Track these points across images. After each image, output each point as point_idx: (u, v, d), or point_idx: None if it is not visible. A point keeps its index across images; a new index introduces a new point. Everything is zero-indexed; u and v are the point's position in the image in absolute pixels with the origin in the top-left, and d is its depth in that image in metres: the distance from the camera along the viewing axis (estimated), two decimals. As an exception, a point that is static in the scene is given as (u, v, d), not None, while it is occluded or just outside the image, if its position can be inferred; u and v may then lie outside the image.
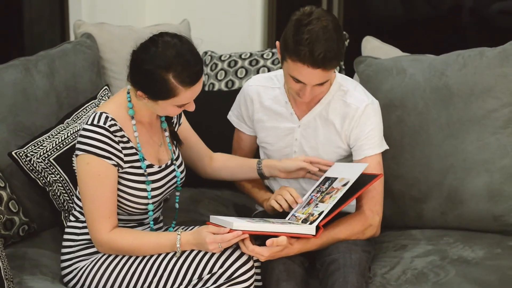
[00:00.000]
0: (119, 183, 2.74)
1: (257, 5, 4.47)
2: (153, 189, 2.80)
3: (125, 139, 2.74)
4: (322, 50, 2.66)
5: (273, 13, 4.51)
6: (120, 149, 2.71)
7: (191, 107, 2.74)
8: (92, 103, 3.32)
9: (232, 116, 3.18)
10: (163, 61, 2.62)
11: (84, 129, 2.69)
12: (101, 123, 2.68)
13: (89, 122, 2.70)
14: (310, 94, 2.80)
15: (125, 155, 2.73)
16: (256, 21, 4.49)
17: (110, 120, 2.70)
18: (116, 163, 2.70)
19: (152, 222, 2.87)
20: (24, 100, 3.24)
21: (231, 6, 4.50)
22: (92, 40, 3.66)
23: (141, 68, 2.66)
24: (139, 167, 2.77)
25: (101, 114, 2.71)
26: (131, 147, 2.75)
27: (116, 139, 2.70)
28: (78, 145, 2.70)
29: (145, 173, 2.78)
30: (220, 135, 3.29)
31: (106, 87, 3.45)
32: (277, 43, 2.82)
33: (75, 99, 3.39)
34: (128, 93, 2.78)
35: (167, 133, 2.92)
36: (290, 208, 2.86)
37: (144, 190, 2.78)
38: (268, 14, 4.49)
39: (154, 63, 2.63)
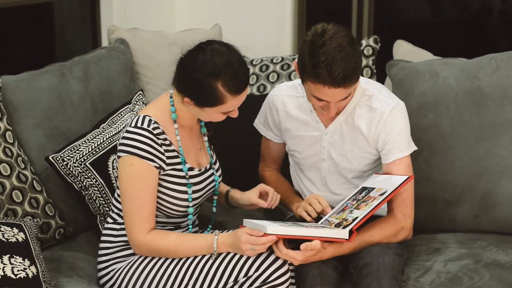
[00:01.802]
0: (160, 185, 2.77)
1: (287, 9, 4.48)
2: (193, 192, 2.82)
3: (167, 142, 2.76)
4: (340, 70, 2.66)
5: (303, 17, 4.52)
6: (163, 151, 2.74)
7: (235, 114, 2.78)
8: (126, 108, 3.35)
9: (258, 124, 3.19)
10: (213, 69, 2.65)
11: (128, 131, 2.72)
12: (144, 126, 2.71)
13: (133, 125, 2.73)
14: (334, 109, 2.81)
15: (167, 157, 2.76)
16: (286, 25, 4.50)
17: (153, 123, 2.72)
18: (158, 165, 2.73)
19: (190, 226, 2.90)
20: (59, 105, 3.27)
21: (261, 10, 4.51)
22: (125, 45, 3.68)
23: (189, 76, 2.68)
24: (180, 170, 2.80)
25: (144, 117, 2.74)
26: (173, 150, 2.78)
27: (159, 141, 2.73)
28: (120, 147, 2.72)
29: (187, 176, 2.81)
30: (251, 139, 3.30)
31: (140, 92, 3.48)
32: (294, 63, 2.83)
33: (109, 104, 3.42)
34: (171, 97, 2.81)
35: (206, 138, 2.95)
36: (319, 217, 2.86)
37: (185, 192, 2.80)
38: (298, 18, 4.50)
39: (203, 71, 2.65)
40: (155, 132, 2.72)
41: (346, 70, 2.67)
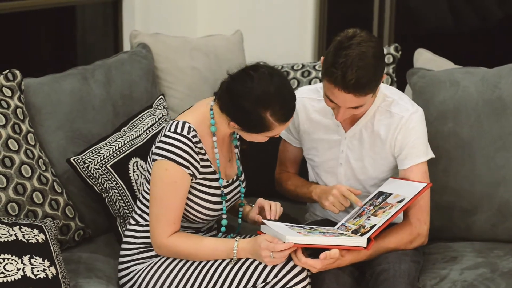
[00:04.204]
0: (189, 193, 2.78)
1: (308, 16, 4.49)
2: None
3: (203, 151, 2.77)
4: (353, 76, 2.66)
5: (324, 24, 4.53)
6: (198, 160, 2.75)
7: (278, 135, 2.79)
8: (147, 112, 3.37)
9: None
10: (262, 98, 2.65)
11: (166, 136, 2.73)
12: (184, 132, 2.72)
13: (172, 130, 2.73)
14: (343, 115, 2.81)
15: (201, 166, 2.77)
16: (307, 32, 4.51)
17: (192, 131, 2.73)
18: (192, 173, 2.74)
19: (221, 234, 2.92)
20: (81, 108, 3.29)
21: (282, 17, 4.52)
22: (147, 50, 3.69)
23: (237, 103, 2.69)
24: (211, 180, 2.81)
25: (184, 123, 2.74)
26: (207, 159, 2.79)
27: (196, 149, 2.74)
28: (157, 151, 2.73)
29: (222, 188, 2.83)
30: (270, 145, 3.31)
31: (161, 96, 3.49)
32: (322, 58, 2.83)
33: (130, 107, 3.44)
34: (211, 109, 2.81)
35: (236, 150, 2.96)
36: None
37: (215, 203, 2.82)
38: (319, 25, 4.51)
39: (251, 100, 2.66)
40: (194, 140, 2.73)
41: (361, 79, 2.67)
